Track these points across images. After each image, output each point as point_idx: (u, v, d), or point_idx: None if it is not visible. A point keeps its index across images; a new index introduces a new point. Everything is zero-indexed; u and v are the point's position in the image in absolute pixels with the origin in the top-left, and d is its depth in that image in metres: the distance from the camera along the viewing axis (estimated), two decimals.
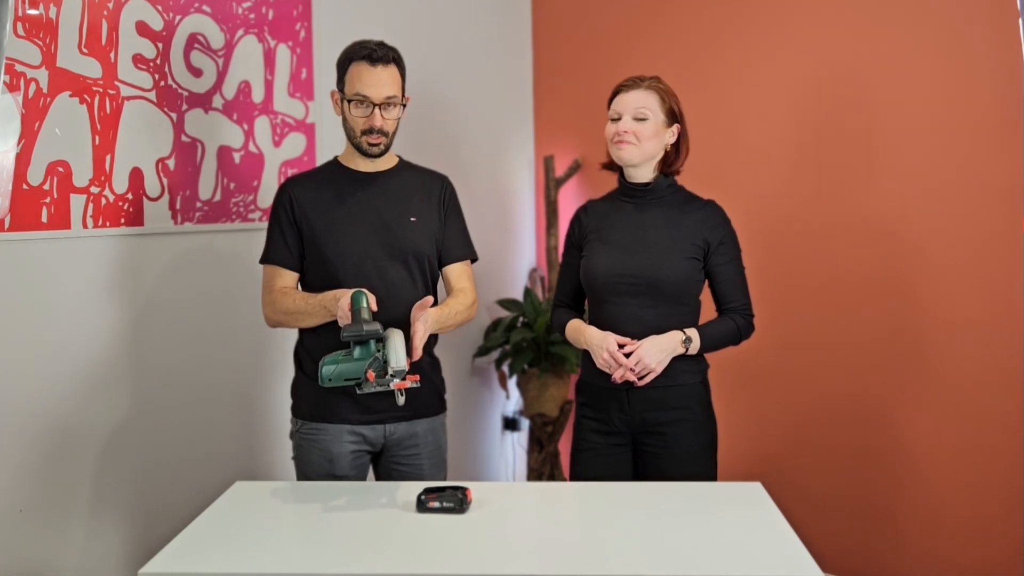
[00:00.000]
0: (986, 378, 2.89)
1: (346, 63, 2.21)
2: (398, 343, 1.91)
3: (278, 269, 2.25)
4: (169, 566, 1.67)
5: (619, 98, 2.31)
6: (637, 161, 2.31)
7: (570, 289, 2.45)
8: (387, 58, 2.18)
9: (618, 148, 2.30)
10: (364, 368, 1.90)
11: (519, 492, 2.24)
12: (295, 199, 2.25)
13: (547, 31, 3.96)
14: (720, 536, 1.79)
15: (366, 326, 1.90)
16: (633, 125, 2.28)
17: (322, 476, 2.23)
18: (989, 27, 2.82)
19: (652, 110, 2.28)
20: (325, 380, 1.93)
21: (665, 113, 2.30)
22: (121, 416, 2.37)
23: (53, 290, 2.21)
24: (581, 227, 2.41)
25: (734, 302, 2.33)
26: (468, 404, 3.72)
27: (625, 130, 2.28)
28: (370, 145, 2.22)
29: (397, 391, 1.90)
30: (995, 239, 2.85)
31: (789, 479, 3.18)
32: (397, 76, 2.21)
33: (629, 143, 2.28)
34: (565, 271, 2.46)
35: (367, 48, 2.18)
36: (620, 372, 2.22)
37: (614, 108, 2.31)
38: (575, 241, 2.43)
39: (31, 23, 2.11)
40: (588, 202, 2.47)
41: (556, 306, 2.48)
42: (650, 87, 2.30)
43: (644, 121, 2.28)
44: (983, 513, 2.90)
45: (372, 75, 2.17)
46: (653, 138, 2.29)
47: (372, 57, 2.17)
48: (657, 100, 2.29)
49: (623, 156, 2.31)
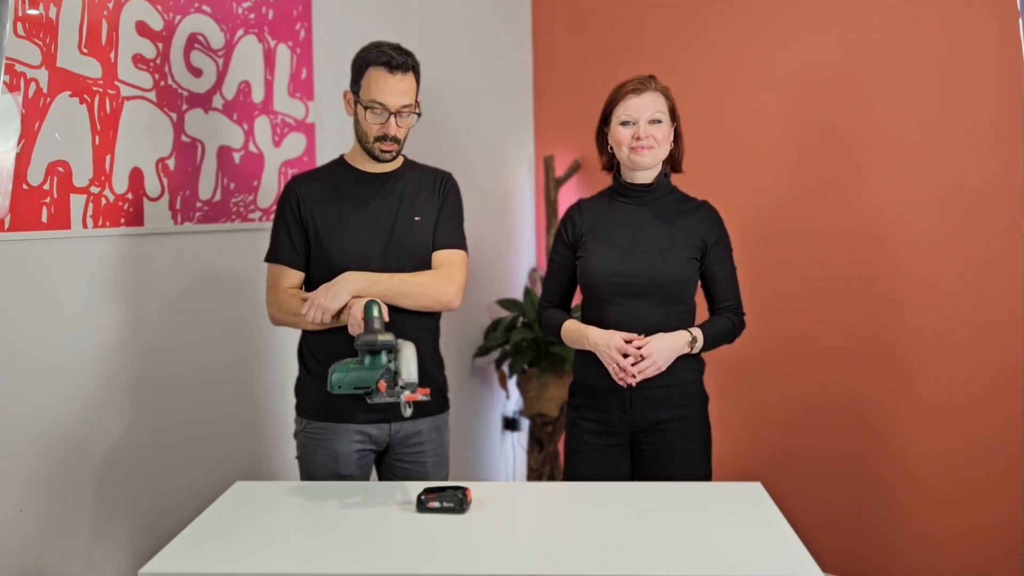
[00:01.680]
0: (986, 378, 2.89)
1: (363, 66, 2.18)
2: (410, 356, 1.91)
3: (283, 268, 2.25)
4: (169, 566, 1.67)
5: (630, 101, 2.28)
6: (652, 165, 2.31)
7: (559, 290, 2.44)
8: (406, 66, 2.16)
9: (637, 154, 2.27)
10: (375, 377, 1.91)
11: (519, 492, 2.24)
12: (301, 198, 2.24)
13: (547, 31, 3.96)
14: (720, 536, 1.79)
15: (380, 336, 1.91)
16: (650, 129, 2.27)
17: (327, 475, 2.23)
18: (989, 27, 2.82)
19: (663, 112, 2.28)
20: (335, 387, 1.93)
21: (670, 113, 2.31)
22: (122, 416, 2.37)
23: (53, 290, 2.20)
24: (575, 227, 2.39)
25: (727, 301, 2.35)
26: (468, 404, 3.72)
27: (646, 135, 2.27)
28: (382, 152, 2.21)
29: (405, 403, 1.90)
30: (995, 239, 2.85)
31: (789, 479, 3.18)
32: (413, 84, 2.20)
33: (649, 147, 2.27)
34: (555, 271, 2.44)
35: (386, 54, 2.15)
36: (624, 375, 2.21)
37: (625, 112, 2.28)
38: (567, 241, 2.40)
39: (31, 23, 2.11)
40: (580, 201, 2.45)
41: (545, 307, 2.46)
42: (657, 88, 2.30)
43: (659, 124, 2.28)
44: (983, 513, 2.90)
45: (390, 83, 2.15)
46: (667, 140, 2.30)
47: (391, 64, 2.14)
48: (664, 101, 2.30)
49: (644, 162, 2.29)
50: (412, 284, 2.18)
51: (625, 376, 2.21)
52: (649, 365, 2.20)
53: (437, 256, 2.27)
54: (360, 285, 2.13)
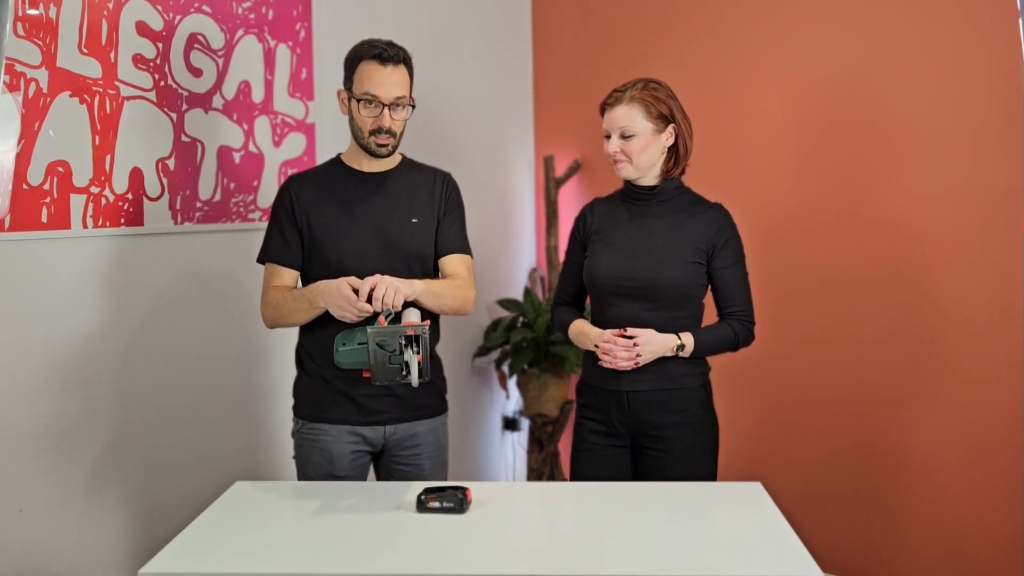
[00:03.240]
0: (987, 378, 2.89)
1: (355, 62, 2.19)
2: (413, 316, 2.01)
3: (276, 268, 2.25)
4: (169, 566, 1.67)
5: (605, 115, 2.29)
6: (635, 176, 2.31)
7: (572, 288, 2.45)
8: (397, 58, 2.16)
9: (615, 167, 2.31)
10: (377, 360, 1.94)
11: (519, 492, 2.24)
12: (296, 198, 2.24)
13: (547, 31, 3.96)
14: (720, 536, 1.79)
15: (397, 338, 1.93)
16: (621, 144, 2.27)
17: (322, 476, 2.23)
18: (989, 27, 2.82)
19: (637, 124, 2.25)
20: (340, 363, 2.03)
21: (654, 119, 2.26)
22: (121, 416, 2.37)
23: (53, 290, 2.21)
24: (586, 226, 2.41)
25: (734, 307, 2.32)
26: (468, 404, 3.72)
27: (616, 150, 2.27)
28: (378, 146, 2.20)
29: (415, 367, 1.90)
30: (996, 239, 2.85)
31: (789, 479, 3.18)
32: (406, 77, 2.19)
33: (621, 162, 2.28)
34: (568, 269, 2.45)
35: (377, 47, 2.15)
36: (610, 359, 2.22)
37: (604, 125, 2.30)
38: (579, 239, 2.42)
39: (31, 23, 2.11)
40: (594, 200, 2.45)
41: (557, 304, 2.47)
42: (632, 98, 2.26)
43: (631, 138, 2.26)
44: (984, 513, 2.90)
45: (382, 75, 2.15)
46: (645, 151, 2.27)
47: (382, 57, 2.14)
48: (642, 111, 2.25)
49: (621, 175, 2.31)
50: (449, 298, 2.21)
51: (612, 357, 2.21)
52: (632, 354, 2.20)
53: (447, 261, 2.27)
54: (408, 289, 2.10)
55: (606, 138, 2.30)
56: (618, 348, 2.21)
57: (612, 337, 2.22)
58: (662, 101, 2.26)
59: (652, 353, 2.23)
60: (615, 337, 2.22)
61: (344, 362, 2.01)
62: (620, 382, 2.28)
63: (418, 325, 1.91)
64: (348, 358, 2.00)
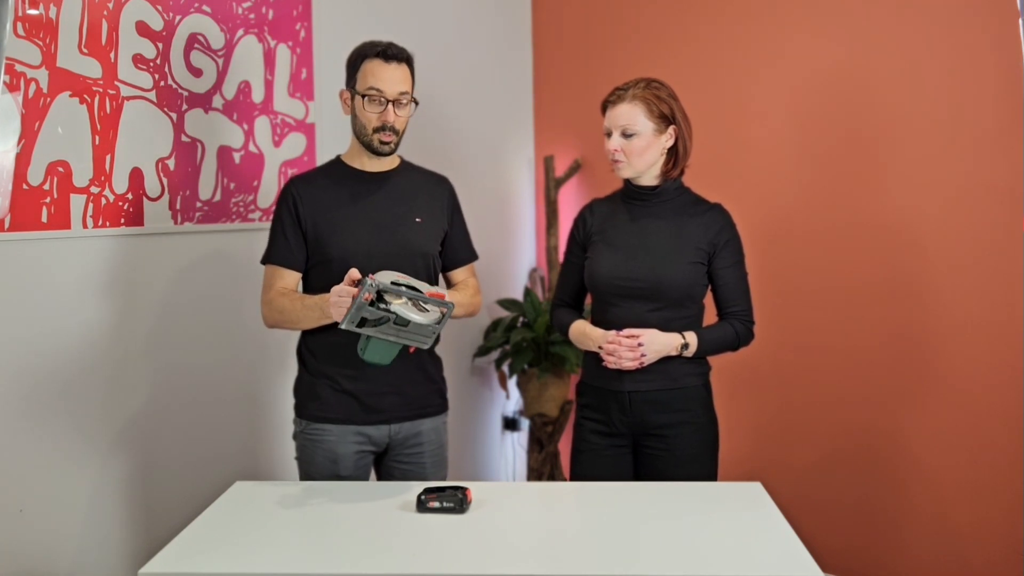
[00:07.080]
0: (986, 379, 2.89)
1: (358, 60, 2.21)
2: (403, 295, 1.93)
3: (279, 269, 2.25)
4: (169, 566, 1.67)
5: (607, 113, 2.30)
6: (633, 176, 2.31)
7: (571, 288, 2.45)
8: (400, 56, 2.20)
9: (614, 167, 2.31)
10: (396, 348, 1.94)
11: (519, 492, 2.24)
12: (299, 198, 2.24)
13: (547, 31, 3.96)
14: (720, 536, 1.79)
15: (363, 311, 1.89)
16: (621, 142, 2.27)
17: (326, 476, 2.23)
18: (989, 27, 2.82)
19: (639, 123, 2.25)
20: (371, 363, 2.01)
21: (656, 119, 2.26)
22: (122, 416, 2.37)
23: (53, 290, 2.20)
24: (586, 226, 2.41)
25: (734, 306, 2.32)
26: (468, 404, 3.72)
27: (616, 148, 2.27)
28: (382, 143, 2.21)
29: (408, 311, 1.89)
30: (995, 240, 2.85)
31: (789, 479, 3.18)
32: (409, 75, 2.22)
33: (620, 161, 2.28)
34: (567, 270, 2.45)
35: (380, 46, 2.19)
36: (613, 356, 2.22)
37: (605, 123, 2.30)
38: (579, 240, 2.42)
39: (31, 23, 2.11)
40: (593, 201, 2.46)
41: (556, 305, 2.47)
42: (635, 97, 2.26)
43: (632, 137, 2.26)
44: (983, 513, 2.90)
45: (386, 71, 2.18)
46: (645, 151, 2.27)
47: (386, 54, 2.18)
48: (643, 110, 2.25)
49: (619, 174, 2.32)
50: (466, 306, 2.31)
51: (617, 358, 2.21)
52: (637, 354, 2.20)
53: (455, 274, 2.39)
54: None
55: (607, 136, 2.30)
56: (623, 348, 2.21)
57: (616, 337, 2.22)
58: (664, 101, 2.27)
59: (657, 352, 2.23)
60: (619, 337, 2.22)
61: (376, 360, 1.98)
62: (622, 382, 2.28)
63: (373, 282, 1.87)
64: (375, 356, 1.97)
